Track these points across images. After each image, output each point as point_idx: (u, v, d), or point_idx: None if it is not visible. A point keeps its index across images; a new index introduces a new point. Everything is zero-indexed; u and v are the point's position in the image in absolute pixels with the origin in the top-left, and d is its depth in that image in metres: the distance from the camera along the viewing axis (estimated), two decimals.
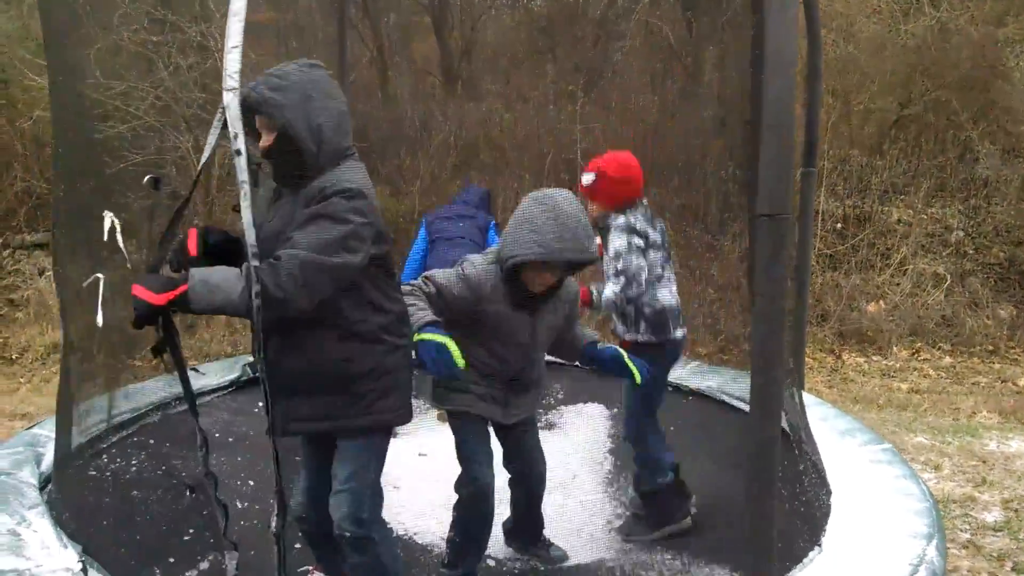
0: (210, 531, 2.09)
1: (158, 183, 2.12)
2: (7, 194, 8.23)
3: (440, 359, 2.16)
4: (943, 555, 2.59)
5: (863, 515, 2.82)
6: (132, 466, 3.50)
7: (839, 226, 8.38)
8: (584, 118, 8.26)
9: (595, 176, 3.09)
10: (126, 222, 2.18)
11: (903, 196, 8.51)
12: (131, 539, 2.83)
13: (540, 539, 2.96)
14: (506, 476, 2.78)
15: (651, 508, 3.21)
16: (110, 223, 2.06)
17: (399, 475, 3.52)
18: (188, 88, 7.22)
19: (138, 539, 2.85)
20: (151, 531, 2.91)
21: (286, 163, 2.05)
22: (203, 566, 2.67)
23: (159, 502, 3.15)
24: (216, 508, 2.06)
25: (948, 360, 7.24)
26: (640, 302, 3.02)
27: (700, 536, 3.07)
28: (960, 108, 8.41)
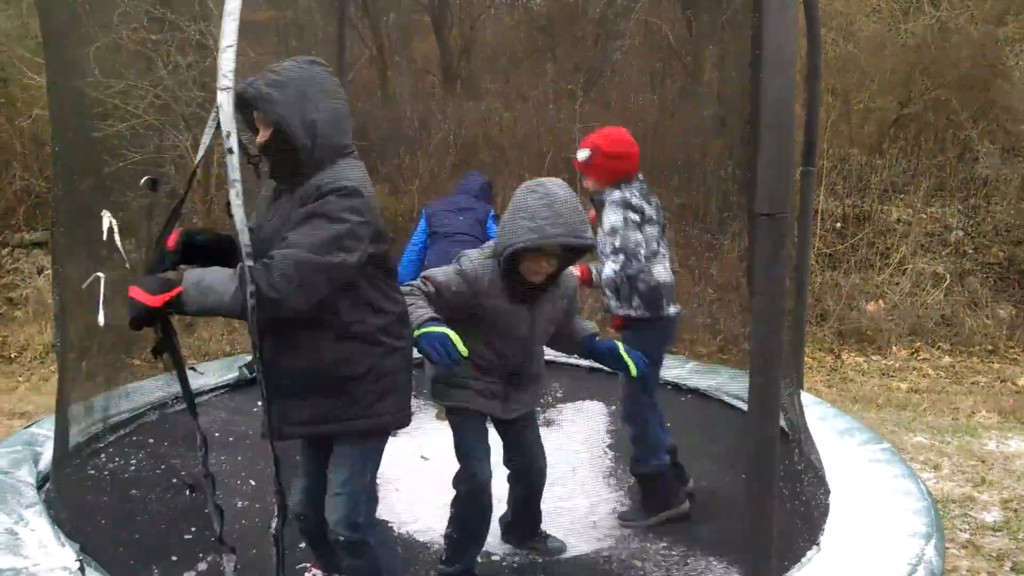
0: (209, 531, 2.09)
1: (156, 184, 2.11)
2: (6, 193, 8.22)
3: (443, 348, 2.15)
4: (941, 554, 2.59)
5: (862, 514, 2.82)
6: (131, 465, 3.50)
7: (839, 225, 8.37)
8: (583, 117, 8.25)
9: (590, 152, 3.10)
10: (125, 221, 2.18)
11: (903, 195, 8.51)
12: (129, 538, 2.83)
13: (538, 532, 2.96)
14: (504, 472, 2.77)
15: (648, 493, 3.21)
16: (108, 223, 2.05)
17: (400, 475, 3.52)
18: (187, 87, 7.21)
19: (136, 537, 2.85)
20: (149, 530, 2.91)
21: (282, 160, 2.04)
22: (201, 567, 2.66)
23: (157, 500, 3.15)
24: (213, 512, 2.05)
25: (947, 360, 7.24)
26: (636, 278, 3.02)
27: (699, 530, 3.07)
28: (960, 107, 8.41)
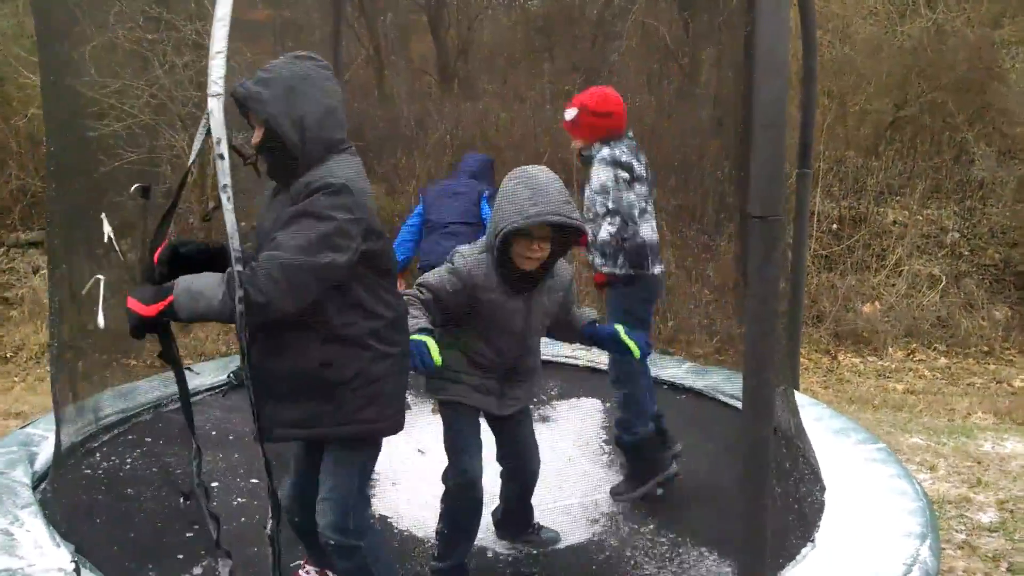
0: (205, 536, 2.09)
1: (147, 192, 2.10)
2: (2, 192, 8.20)
3: (418, 356, 2.21)
4: (937, 555, 2.60)
5: (857, 514, 2.83)
6: (126, 465, 3.50)
7: (835, 227, 8.39)
8: None
9: (577, 110, 3.11)
10: (122, 220, 2.18)
11: (899, 197, 8.53)
12: (125, 538, 2.82)
13: (531, 525, 2.96)
14: (495, 467, 2.76)
15: (636, 462, 3.20)
16: (108, 229, 2.05)
17: (397, 470, 3.52)
18: (183, 86, 7.20)
19: (132, 536, 2.84)
20: (145, 531, 2.90)
21: (275, 158, 2.02)
22: (196, 571, 2.66)
23: (153, 499, 3.14)
24: (208, 520, 2.04)
25: (943, 361, 7.26)
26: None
27: (693, 523, 3.07)
28: (956, 110, 8.42)
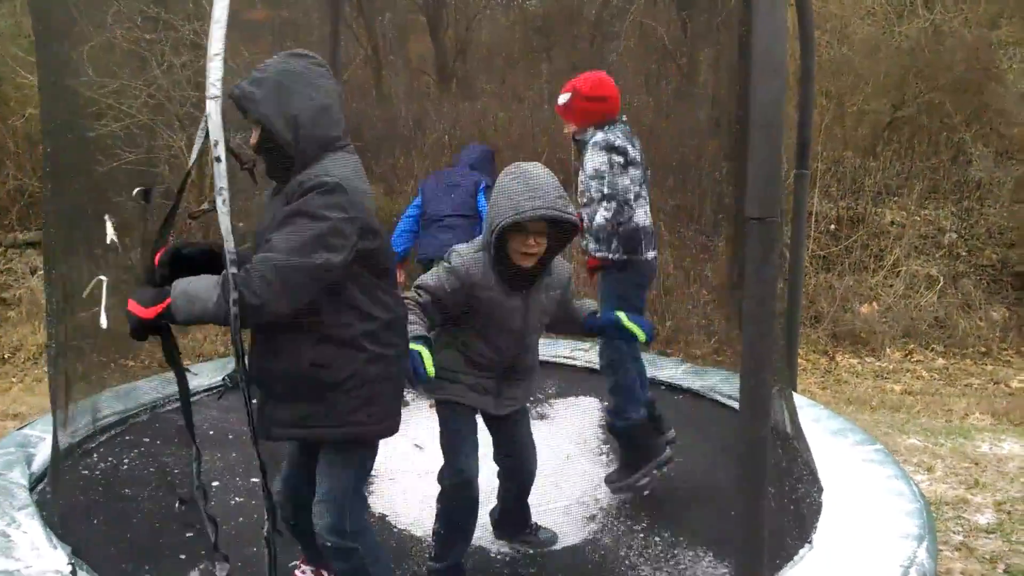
0: (202, 538, 2.10)
1: (148, 195, 2.10)
2: None
3: (411, 366, 2.20)
4: (934, 556, 2.60)
5: (854, 515, 2.83)
6: (124, 466, 3.49)
7: (832, 227, 8.39)
8: None
9: (570, 95, 3.10)
10: (121, 220, 2.17)
11: (896, 198, 8.53)
12: (122, 540, 2.82)
13: (529, 525, 2.96)
14: (492, 466, 2.76)
15: (628, 448, 3.20)
16: (111, 230, 2.05)
17: (394, 466, 3.52)
18: (181, 86, 7.19)
19: (129, 537, 2.84)
20: (143, 532, 2.90)
21: (272, 158, 2.01)
22: (193, 575, 2.65)
23: (150, 500, 3.14)
24: (206, 523, 2.04)
25: (941, 362, 7.26)
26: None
27: (689, 523, 3.08)
28: (953, 110, 8.43)
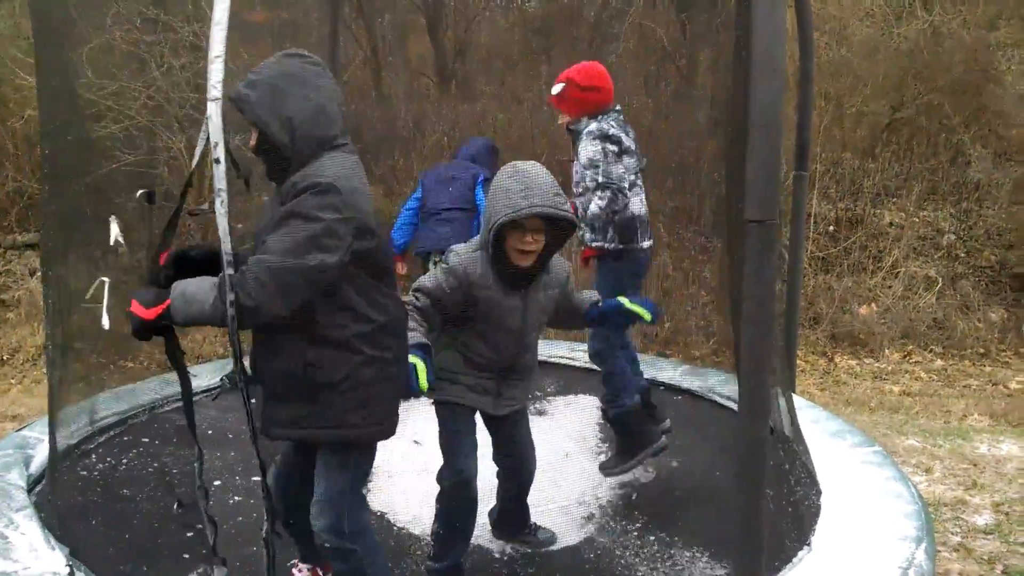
0: (201, 539, 2.10)
1: (151, 197, 2.10)
2: None
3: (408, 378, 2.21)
4: (932, 558, 2.59)
5: (853, 516, 2.82)
6: (122, 467, 3.49)
7: (831, 229, 8.39)
8: None
9: (564, 85, 3.11)
10: (121, 222, 2.17)
11: (895, 199, 8.54)
12: (120, 541, 2.82)
13: (528, 525, 2.96)
14: (491, 466, 2.76)
15: (623, 435, 3.19)
16: (115, 231, 2.05)
17: (392, 463, 3.51)
18: (180, 88, 7.19)
19: (127, 538, 2.84)
20: (141, 533, 2.89)
21: (271, 159, 2.01)
22: None
23: (149, 501, 3.14)
24: (206, 524, 2.03)
25: (939, 363, 7.26)
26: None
27: (687, 523, 3.08)
28: (952, 112, 8.44)
